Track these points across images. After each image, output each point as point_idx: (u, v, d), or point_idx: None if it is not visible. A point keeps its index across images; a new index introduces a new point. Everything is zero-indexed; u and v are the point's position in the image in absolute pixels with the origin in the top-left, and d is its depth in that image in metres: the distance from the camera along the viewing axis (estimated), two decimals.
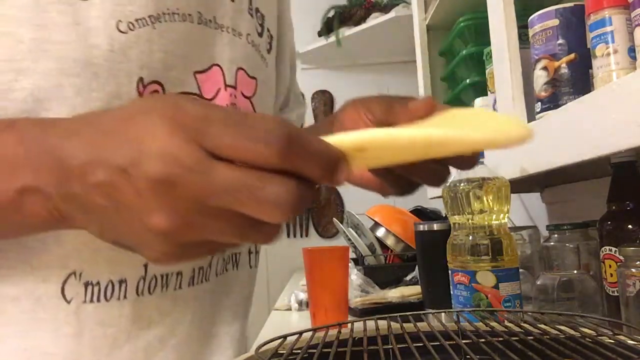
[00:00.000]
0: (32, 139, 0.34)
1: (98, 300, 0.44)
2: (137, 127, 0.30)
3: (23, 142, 0.34)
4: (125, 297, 0.45)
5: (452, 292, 0.74)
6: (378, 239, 1.46)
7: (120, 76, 0.43)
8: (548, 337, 0.44)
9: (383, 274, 1.34)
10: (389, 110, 0.47)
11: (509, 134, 0.34)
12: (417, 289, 1.12)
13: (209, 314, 0.54)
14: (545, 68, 0.71)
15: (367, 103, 0.50)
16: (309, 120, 2.84)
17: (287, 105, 0.72)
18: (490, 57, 0.87)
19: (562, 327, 0.46)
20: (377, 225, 1.48)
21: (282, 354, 0.44)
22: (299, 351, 0.45)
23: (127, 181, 0.29)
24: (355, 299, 1.15)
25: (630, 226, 0.69)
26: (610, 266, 0.70)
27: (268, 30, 0.59)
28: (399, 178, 0.46)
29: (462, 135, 0.33)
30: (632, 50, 0.58)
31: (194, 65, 0.48)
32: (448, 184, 0.75)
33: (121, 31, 0.43)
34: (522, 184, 0.96)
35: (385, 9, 2.08)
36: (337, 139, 0.32)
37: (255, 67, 0.56)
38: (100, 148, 0.31)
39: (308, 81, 2.45)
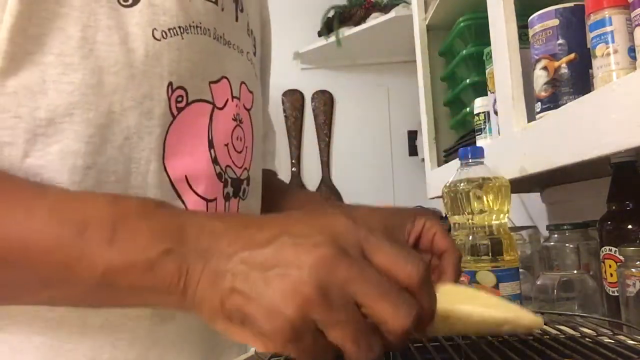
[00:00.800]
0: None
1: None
2: (320, 219, 0.35)
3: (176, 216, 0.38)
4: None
5: None
6: None
7: (153, 79, 0.46)
8: (548, 337, 0.44)
9: None
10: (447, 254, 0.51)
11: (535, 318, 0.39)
12: None
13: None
14: (545, 68, 0.71)
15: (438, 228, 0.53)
16: (309, 120, 2.81)
17: (265, 135, 0.74)
18: (490, 57, 0.87)
19: (562, 327, 0.46)
20: None
21: (282, 354, 0.44)
22: None
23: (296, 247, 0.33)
24: None
25: (630, 226, 0.69)
26: (610, 266, 0.70)
27: (258, 53, 0.65)
28: None
29: (529, 318, 0.38)
30: (632, 50, 0.58)
31: (210, 76, 0.52)
32: (448, 184, 0.75)
33: (156, 38, 0.47)
34: (522, 184, 0.96)
35: (385, 9, 2.08)
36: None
37: (253, 82, 0.60)
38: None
39: (308, 81, 2.45)
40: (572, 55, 0.69)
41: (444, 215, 1.20)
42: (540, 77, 0.72)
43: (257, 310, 0.32)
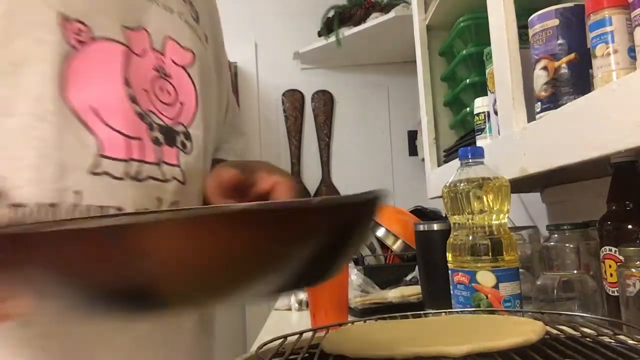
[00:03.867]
0: None
1: None
2: None
3: None
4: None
5: (452, 292, 0.74)
6: (378, 239, 1.46)
7: (41, 6, 0.46)
8: (549, 336, 0.44)
9: (383, 273, 1.34)
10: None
11: (534, 332, 0.41)
12: (417, 289, 1.12)
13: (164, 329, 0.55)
14: (545, 68, 0.71)
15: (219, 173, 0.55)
16: (309, 120, 2.81)
17: (227, 141, 0.74)
18: (490, 57, 0.87)
19: (563, 327, 0.46)
20: (377, 225, 1.48)
21: (283, 354, 0.44)
22: (300, 351, 0.45)
23: None
24: (355, 299, 1.15)
25: (630, 226, 0.69)
26: (610, 266, 0.70)
27: (204, 29, 0.63)
28: None
29: (512, 342, 0.39)
30: (632, 50, 0.58)
31: (123, 20, 0.51)
32: (448, 184, 0.75)
33: None
34: (522, 184, 0.96)
35: (385, 9, 2.08)
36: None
37: (191, 42, 0.58)
38: None
39: (308, 81, 2.45)
40: (572, 55, 0.69)
41: (444, 215, 1.20)
42: (540, 77, 0.72)
43: None
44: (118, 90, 0.49)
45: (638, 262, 0.60)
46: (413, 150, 2.38)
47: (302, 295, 1.31)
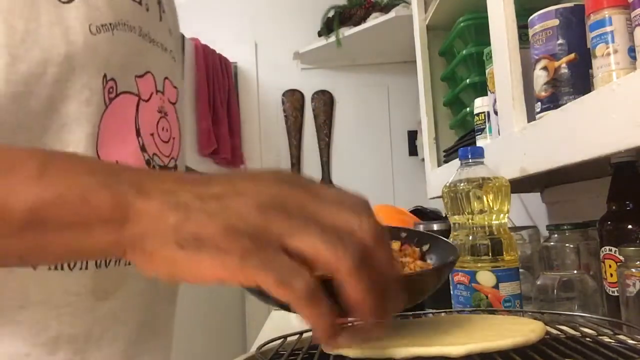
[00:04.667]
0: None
1: (62, 268, 0.47)
2: (264, 171, 0.37)
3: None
4: (86, 268, 0.48)
5: (452, 292, 0.74)
6: None
7: (91, 70, 0.50)
8: (549, 336, 0.44)
9: None
10: None
11: (534, 331, 0.41)
12: None
13: (152, 292, 0.57)
14: (545, 68, 0.71)
15: None
16: (309, 120, 2.81)
17: None
18: (490, 57, 0.87)
19: (563, 327, 0.46)
20: None
21: (283, 354, 0.44)
22: (300, 351, 0.45)
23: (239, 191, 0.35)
24: None
25: (630, 226, 0.69)
26: (610, 266, 0.70)
27: (180, 54, 0.69)
28: None
29: (512, 342, 0.39)
30: (632, 50, 0.58)
31: (135, 70, 0.56)
32: (448, 184, 0.75)
33: (92, 32, 0.50)
34: (522, 184, 0.96)
35: (385, 9, 2.08)
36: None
37: (176, 79, 0.64)
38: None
39: (308, 81, 2.45)
40: (572, 55, 0.69)
41: (444, 215, 1.20)
42: (540, 77, 0.72)
43: (216, 230, 0.33)
44: (132, 141, 0.54)
45: (638, 262, 0.60)
46: (413, 150, 2.38)
47: None
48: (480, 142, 0.99)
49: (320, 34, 2.27)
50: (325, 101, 2.45)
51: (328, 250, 0.32)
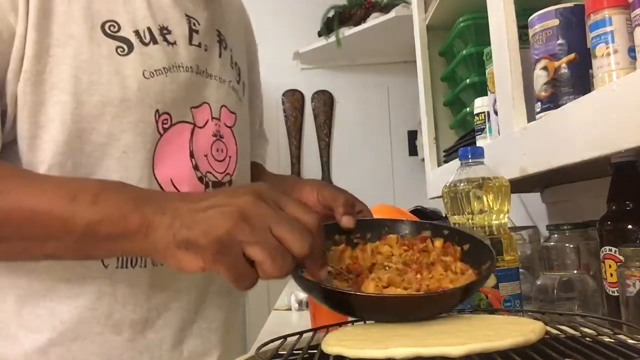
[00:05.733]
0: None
1: (126, 267, 0.62)
2: (246, 185, 0.53)
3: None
4: (145, 265, 0.63)
5: None
6: None
7: (144, 108, 0.61)
8: (549, 336, 0.44)
9: None
10: (335, 202, 0.66)
11: (534, 331, 0.41)
12: None
13: (202, 287, 0.70)
14: (545, 68, 0.71)
15: (321, 189, 0.71)
16: (309, 120, 2.79)
17: (256, 148, 0.88)
18: (490, 57, 0.87)
19: (563, 327, 0.46)
20: None
21: (283, 354, 0.44)
22: (300, 352, 0.45)
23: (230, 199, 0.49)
24: None
25: (630, 226, 0.69)
26: (610, 266, 0.70)
27: (243, 80, 0.80)
28: None
29: (512, 342, 0.39)
30: (632, 50, 0.58)
31: (191, 102, 0.67)
32: (448, 184, 0.75)
33: (145, 77, 0.62)
34: (522, 184, 0.96)
35: (385, 9, 2.08)
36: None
37: (235, 105, 0.74)
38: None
39: (308, 81, 2.45)
40: (572, 55, 0.69)
41: (444, 215, 1.20)
42: (540, 77, 0.72)
43: (198, 233, 0.46)
44: (186, 162, 0.66)
45: (638, 262, 0.60)
46: (413, 150, 2.38)
47: (302, 295, 1.31)
48: (480, 142, 0.99)
49: (320, 34, 2.27)
50: (325, 101, 2.45)
51: (266, 264, 0.46)
